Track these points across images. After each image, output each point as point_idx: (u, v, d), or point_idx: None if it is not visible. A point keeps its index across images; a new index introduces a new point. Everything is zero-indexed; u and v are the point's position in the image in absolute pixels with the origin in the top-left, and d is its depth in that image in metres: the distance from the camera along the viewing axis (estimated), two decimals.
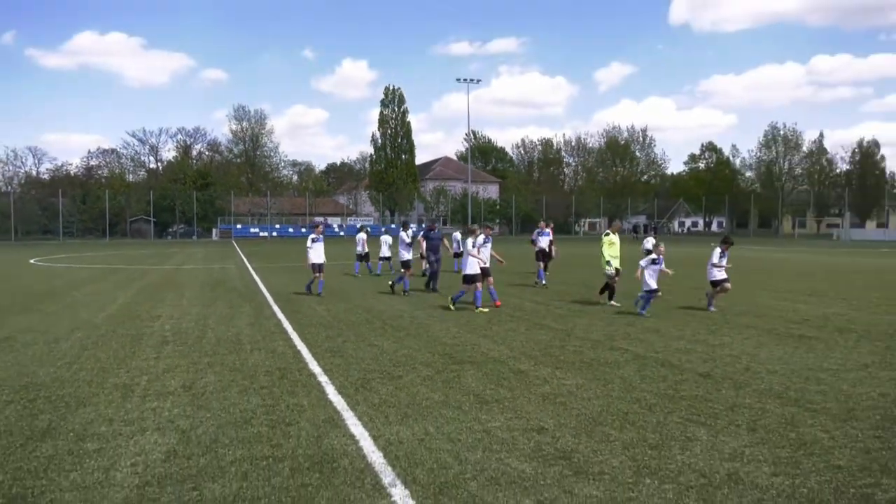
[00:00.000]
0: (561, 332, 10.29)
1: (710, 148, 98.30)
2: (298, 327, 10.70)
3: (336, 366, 7.85)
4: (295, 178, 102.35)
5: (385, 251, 20.95)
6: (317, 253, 14.85)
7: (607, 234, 13.96)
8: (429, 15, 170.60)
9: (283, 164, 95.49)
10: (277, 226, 74.10)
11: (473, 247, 12.60)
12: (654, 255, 12.30)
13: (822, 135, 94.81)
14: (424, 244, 16.38)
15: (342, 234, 73.09)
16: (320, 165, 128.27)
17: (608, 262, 13.47)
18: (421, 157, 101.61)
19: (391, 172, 78.67)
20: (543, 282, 16.97)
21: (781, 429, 5.45)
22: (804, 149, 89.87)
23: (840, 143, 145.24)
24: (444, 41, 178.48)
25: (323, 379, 7.19)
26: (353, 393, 6.60)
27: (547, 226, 18.67)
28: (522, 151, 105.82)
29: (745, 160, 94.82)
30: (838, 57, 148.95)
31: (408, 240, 16.53)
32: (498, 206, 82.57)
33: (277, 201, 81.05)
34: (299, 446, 5.05)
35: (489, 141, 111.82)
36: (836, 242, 59.72)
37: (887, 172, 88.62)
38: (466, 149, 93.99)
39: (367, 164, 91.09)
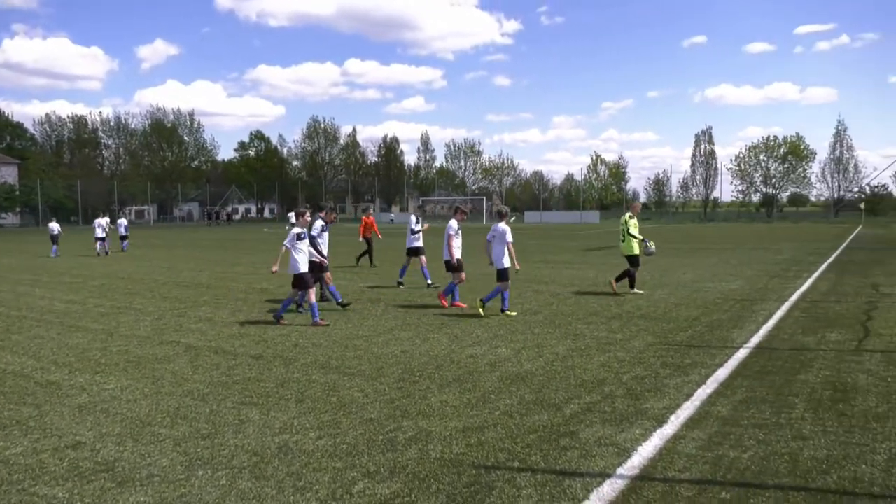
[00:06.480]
0: (102, 332, 9.28)
1: (259, 136, 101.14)
2: None
3: None
4: None
5: (99, 233, 24.25)
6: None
7: (631, 217, 12.68)
8: None
9: None
10: None
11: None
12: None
13: (355, 130, 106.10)
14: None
15: None
16: None
17: (643, 240, 12.63)
18: None
19: None
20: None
21: (325, 395, 5.98)
22: (342, 141, 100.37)
23: (370, 138, 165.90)
24: None
25: None
26: None
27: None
28: (48, 129, 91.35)
29: (291, 150, 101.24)
30: (368, 62, 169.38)
31: (416, 227, 13.56)
32: (17, 192, 69.66)
33: None
34: None
35: (2, 114, 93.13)
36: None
37: (406, 165, 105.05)
38: None
39: None
